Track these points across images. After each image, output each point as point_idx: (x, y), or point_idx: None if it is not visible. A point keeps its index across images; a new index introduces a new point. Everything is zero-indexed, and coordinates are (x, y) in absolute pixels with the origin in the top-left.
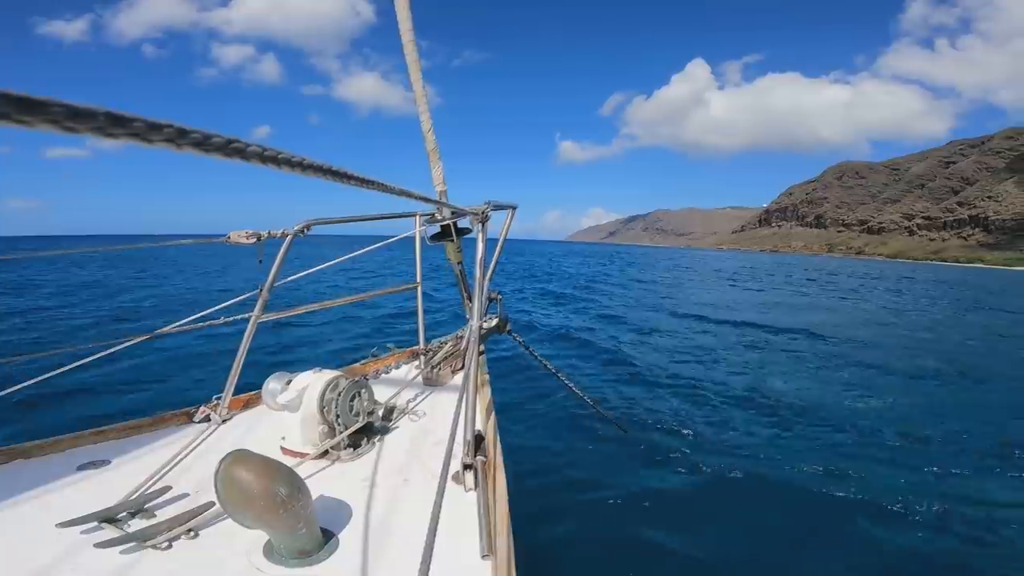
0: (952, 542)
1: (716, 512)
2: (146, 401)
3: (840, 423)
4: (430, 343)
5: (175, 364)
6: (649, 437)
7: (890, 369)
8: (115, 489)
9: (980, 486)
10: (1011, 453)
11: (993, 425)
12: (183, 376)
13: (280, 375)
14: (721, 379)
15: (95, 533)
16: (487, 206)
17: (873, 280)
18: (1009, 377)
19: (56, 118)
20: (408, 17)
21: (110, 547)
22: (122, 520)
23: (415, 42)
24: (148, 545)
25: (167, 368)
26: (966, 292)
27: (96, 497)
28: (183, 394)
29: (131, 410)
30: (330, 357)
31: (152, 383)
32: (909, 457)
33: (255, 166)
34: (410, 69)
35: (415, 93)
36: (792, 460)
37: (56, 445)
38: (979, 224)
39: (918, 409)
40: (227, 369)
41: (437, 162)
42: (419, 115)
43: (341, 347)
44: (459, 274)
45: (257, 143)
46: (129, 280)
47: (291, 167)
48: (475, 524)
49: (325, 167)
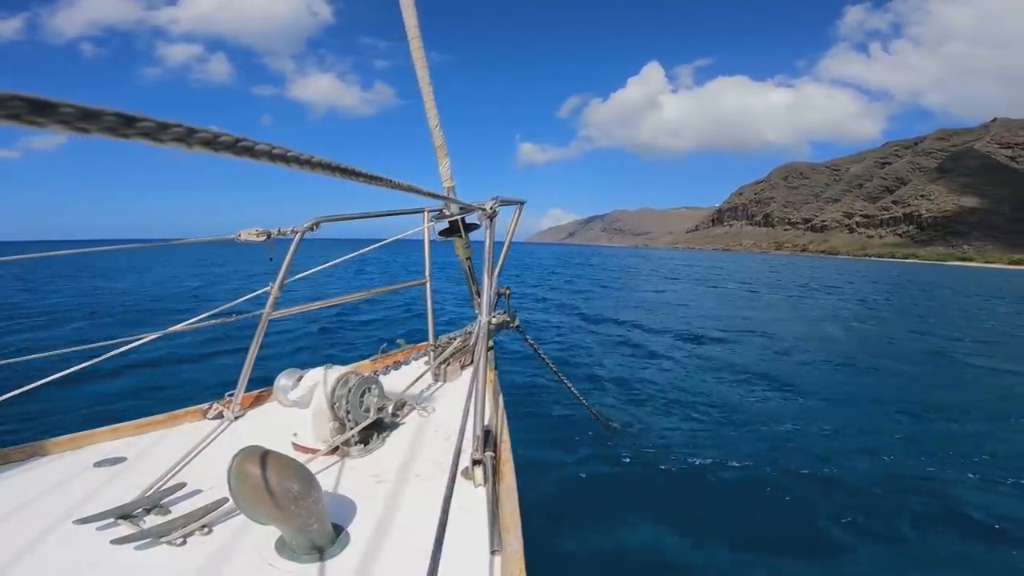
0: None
1: (712, 514)
2: (160, 398)
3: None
4: (439, 339)
5: (188, 362)
6: (640, 443)
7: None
8: (131, 486)
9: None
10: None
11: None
12: (196, 373)
13: (291, 372)
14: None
15: (111, 529)
16: (495, 202)
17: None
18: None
19: (67, 119)
20: (414, 14)
21: (126, 543)
22: (138, 516)
23: (421, 39)
24: (163, 541)
25: (181, 365)
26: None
27: (112, 493)
28: (196, 391)
29: (146, 407)
30: (340, 353)
31: (166, 380)
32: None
33: (264, 164)
34: (416, 67)
35: (422, 91)
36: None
37: (73, 442)
38: (912, 221)
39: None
40: (239, 366)
41: (444, 158)
42: (426, 112)
43: (350, 343)
44: (468, 270)
45: (266, 142)
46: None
47: (300, 165)
48: (484, 520)
49: (334, 164)
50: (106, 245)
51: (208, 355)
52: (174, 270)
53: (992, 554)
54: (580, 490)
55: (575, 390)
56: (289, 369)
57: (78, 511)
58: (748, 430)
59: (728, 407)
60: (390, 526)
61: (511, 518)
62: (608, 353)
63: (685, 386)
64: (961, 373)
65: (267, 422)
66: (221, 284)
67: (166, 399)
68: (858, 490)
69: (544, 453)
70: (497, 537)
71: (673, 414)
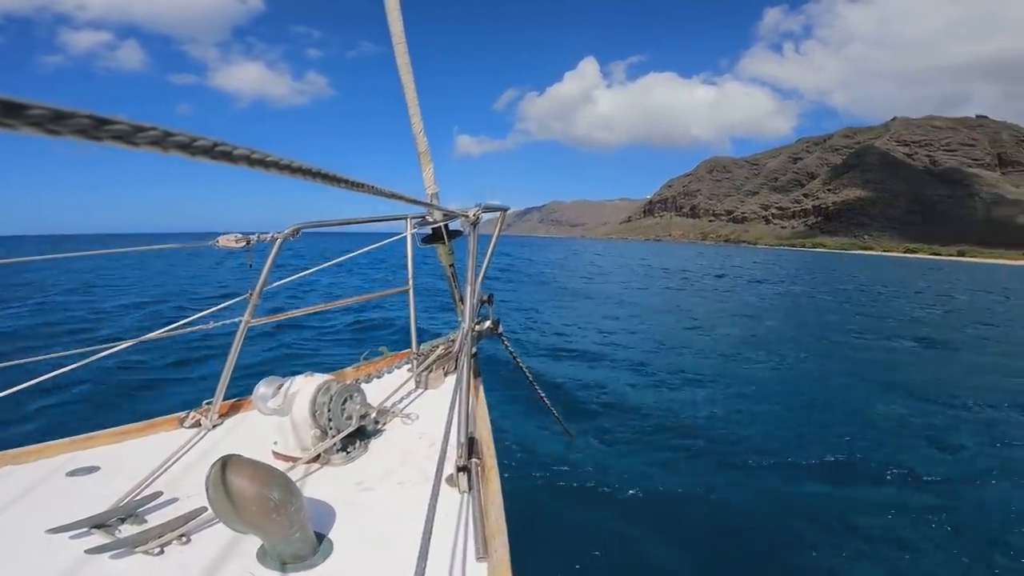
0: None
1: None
2: (135, 407)
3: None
4: (422, 346)
5: (165, 369)
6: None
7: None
8: (105, 495)
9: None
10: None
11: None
12: (173, 381)
13: (271, 379)
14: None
15: (86, 538)
16: (478, 208)
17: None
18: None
19: (39, 121)
20: (399, 19)
21: (102, 553)
22: (113, 526)
23: (406, 44)
24: (140, 550)
25: (157, 373)
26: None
27: (86, 503)
28: (173, 400)
29: (121, 416)
30: (321, 361)
31: (141, 389)
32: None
33: (243, 169)
34: (401, 72)
35: (406, 96)
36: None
37: (45, 451)
38: (820, 213)
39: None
40: (217, 374)
41: (428, 164)
42: (410, 117)
43: (332, 351)
44: (451, 277)
45: (245, 146)
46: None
47: (279, 170)
48: (470, 527)
49: (315, 170)
50: (73, 243)
51: (185, 363)
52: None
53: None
54: (544, 500)
55: (547, 400)
56: (269, 377)
57: (51, 520)
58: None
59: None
60: (374, 534)
61: (497, 525)
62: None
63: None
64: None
65: (246, 431)
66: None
67: (141, 408)
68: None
69: (514, 461)
70: (483, 544)
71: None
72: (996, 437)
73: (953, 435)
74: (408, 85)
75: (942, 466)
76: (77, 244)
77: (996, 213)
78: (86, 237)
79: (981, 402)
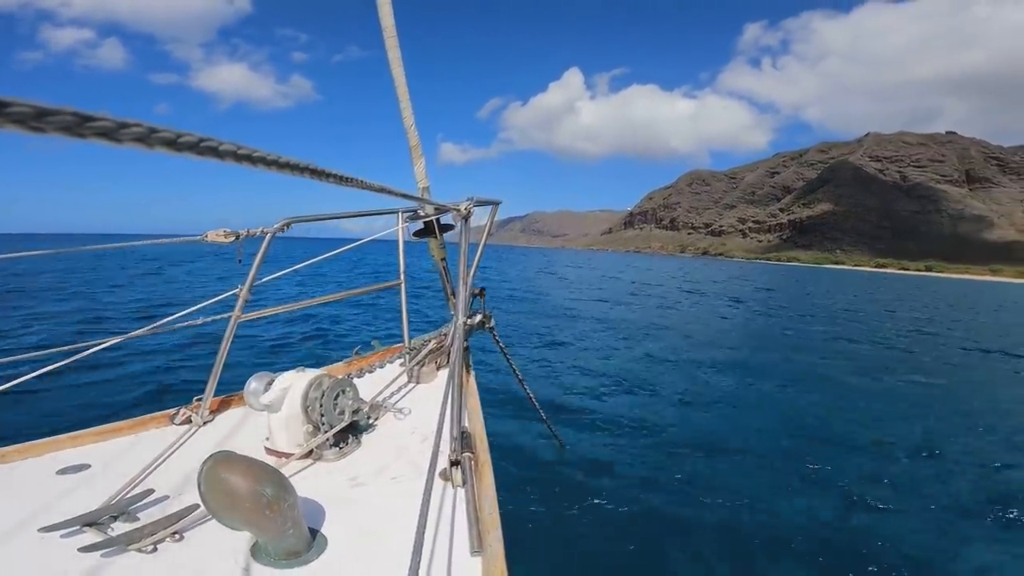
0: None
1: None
2: (125, 404)
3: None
4: (414, 340)
5: (155, 366)
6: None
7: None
8: (96, 493)
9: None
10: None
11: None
12: (163, 378)
13: (262, 375)
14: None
15: (78, 537)
16: (469, 202)
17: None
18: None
19: (22, 118)
20: (390, 14)
21: (94, 551)
22: (105, 524)
23: (396, 39)
24: (133, 548)
25: (147, 369)
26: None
27: (77, 501)
28: (163, 397)
29: (110, 413)
30: (313, 356)
31: (131, 385)
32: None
33: (230, 164)
34: (392, 67)
35: (397, 91)
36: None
37: (34, 449)
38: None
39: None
40: (208, 370)
41: (419, 158)
42: (401, 112)
43: (325, 345)
44: (443, 271)
45: (231, 142)
46: None
47: (267, 165)
48: (464, 521)
49: (302, 165)
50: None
51: (175, 360)
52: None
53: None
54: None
55: (535, 400)
56: (260, 373)
57: (42, 519)
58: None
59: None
60: (368, 529)
61: (491, 519)
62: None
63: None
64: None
65: (237, 427)
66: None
67: (131, 405)
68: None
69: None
70: (477, 538)
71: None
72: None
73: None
74: (399, 80)
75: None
76: (72, 242)
77: (961, 229)
78: (81, 236)
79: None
